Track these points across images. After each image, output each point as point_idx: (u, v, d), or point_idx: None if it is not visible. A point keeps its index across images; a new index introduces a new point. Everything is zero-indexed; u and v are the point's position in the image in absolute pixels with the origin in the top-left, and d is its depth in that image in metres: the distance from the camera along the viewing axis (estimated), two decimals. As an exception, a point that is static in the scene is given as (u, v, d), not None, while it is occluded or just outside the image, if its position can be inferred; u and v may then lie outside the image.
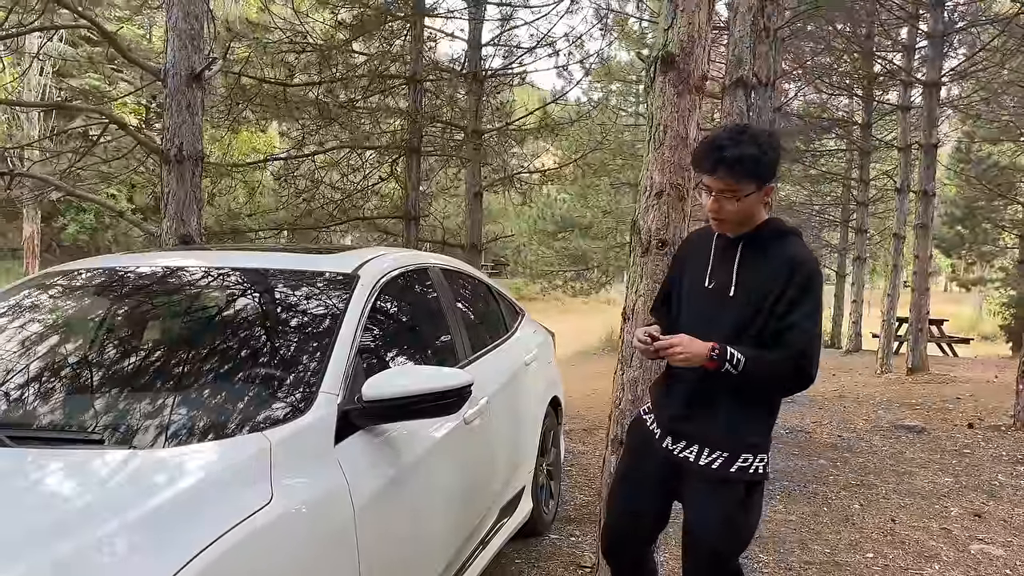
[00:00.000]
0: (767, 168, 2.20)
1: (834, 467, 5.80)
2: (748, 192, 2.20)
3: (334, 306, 2.45)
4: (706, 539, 2.33)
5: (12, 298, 2.64)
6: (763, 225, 2.29)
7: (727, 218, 2.25)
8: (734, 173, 2.17)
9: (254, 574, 1.57)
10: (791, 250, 2.25)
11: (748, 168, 2.17)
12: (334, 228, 10.25)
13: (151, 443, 1.87)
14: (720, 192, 2.21)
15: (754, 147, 2.17)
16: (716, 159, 2.18)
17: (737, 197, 2.20)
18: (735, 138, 2.20)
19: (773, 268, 2.23)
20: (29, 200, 10.66)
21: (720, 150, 2.18)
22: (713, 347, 2.19)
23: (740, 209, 2.22)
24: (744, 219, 2.26)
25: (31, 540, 1.40)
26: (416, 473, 2.38)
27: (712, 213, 2.25)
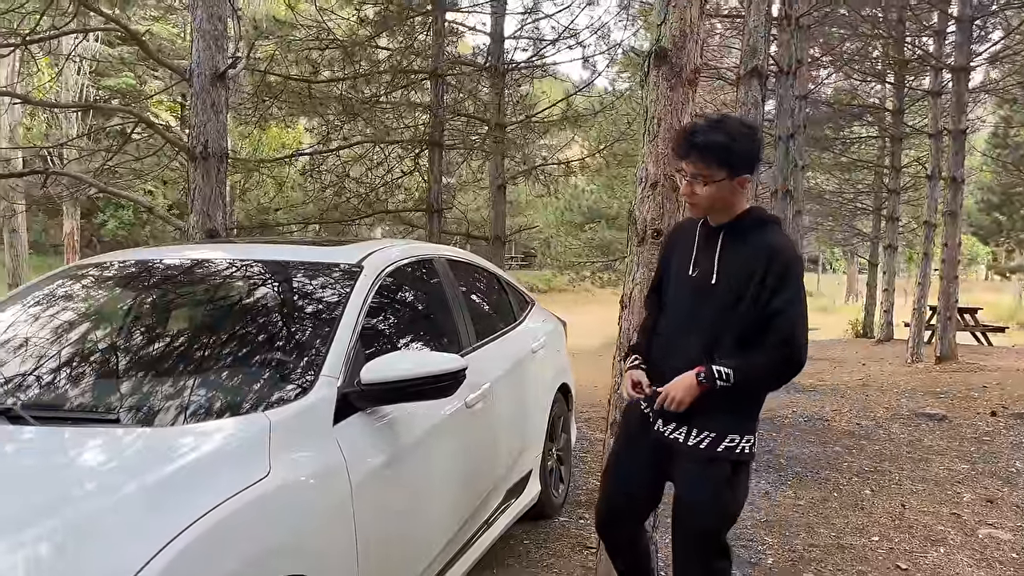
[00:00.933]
0: (738, 157, 2.29)
1: (849, 454, 5.83)
2: (719, 178, 2.30)
3: (337, 295, 2.59)
4: (694, 515, 2.43)
5: (42, 289, 2.82)
6: (744, 214, 2.38)
7: (699, 203, 2.36)
8: (704, 158, 2.29)
9: (252, 540, 1.71)
10: (770, 238, 2.34)
11: (717, 154, 2.28)
12: (360, 221, 10.44)
13: (161, 422, 2.02)
14: (693, 176, 2.32)
15: (724, 135, 2.28)
16: (689, 144, 2.31)
17: (707, 182, 2.30)
18: (710, 126, 2.32)
19: (752, 255, 2.31)
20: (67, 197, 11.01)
21: (693, 135, 2.31)
22: (699, 372, 2.30)
23: (710, 194, 2.32)
24: (717, 205, 2.36)
25: (50, 506, 1.55)
26: (416, 453, 2.51)
27: (686, 197, 2.39)
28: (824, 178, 21.62)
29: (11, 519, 1.50)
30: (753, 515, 4.38)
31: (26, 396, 2.20)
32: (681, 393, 2.32)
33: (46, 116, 15.00)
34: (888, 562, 3.79)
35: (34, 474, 1.75)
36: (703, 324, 2.37)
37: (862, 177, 21.23)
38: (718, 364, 2.29)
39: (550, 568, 3.60)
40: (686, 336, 2.43)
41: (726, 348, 2.35)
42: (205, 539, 1.57)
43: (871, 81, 18.14)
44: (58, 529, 1.49)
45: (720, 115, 2.41)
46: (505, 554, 3.71)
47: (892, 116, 17.00)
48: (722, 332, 2.35)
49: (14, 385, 2.25)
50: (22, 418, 1.99)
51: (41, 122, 15.52)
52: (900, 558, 3.84)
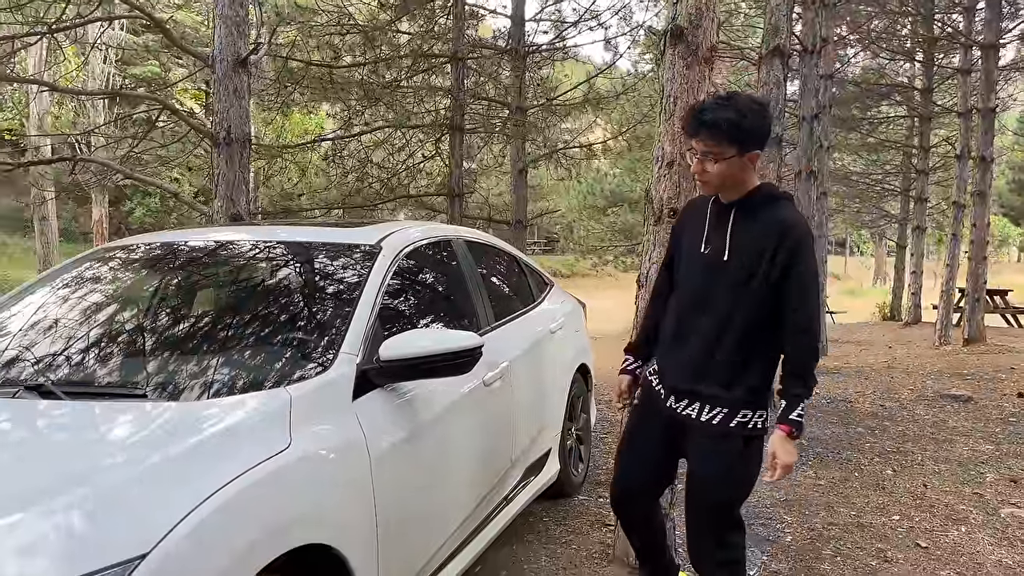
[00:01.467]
0: (748, 134, 2.29)
1: (872, 435, 5.81)
2: (729, 155, 2.29)
3: (356, 275, 2.63)
4: (707, 489, 2.46)
5: (71, 271, 2.90)
6: (755, 191, 2.38)
7: (710, 180, 2.36)
8: (713, 135, 2.28)
9: (273, 509, 1.77)
10: (781, 214, 2.33)
11: (726, 131, 2.27)
12: (383, 206, 10.50)
13: (186, 397, 2.08)
14: (703, 154, 2.32)
15: (734, 112, 2.27)
16: (698, 122, 2.31)
17: (717, 159, 2.30)
18: (719, 104, 2.32)
19: (764, 231, 2.31)
20: (95, 185, 11.18)
21: (701, 113, 2.31)
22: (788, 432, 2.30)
23: (721, 171, 2.32)
24: (728, 182, 2.36)
25: (80, 476, 1.61)
26: (434, 429, 2.56)
27: (697, 174, 2.38)
28: (851, 159, 21.34)
29: (44, 488, 1.56)
30: (772, 494, 4.39)
31: (57, 373, 2.27)
32: (786, 458, 2.31)
33: (73, 104, 15.21)
34: (908, 540, 3.79)
35: (65, 446, 1.81)
36: (715, 302, 2.39)
37: (890, 158, 20.93)
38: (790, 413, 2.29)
39: (569, 545, 3.65)
40: (698, 315, 2.44)
41: (737, 327, 2.36)
42: (227, 507, 1.63)
43: (899, 59, 17.84)
44: (88, 497, 1.55)
45: (729, 92, 2.40)
46: (525, 531, 3.76)
47: (920, 95, 16.73)
48: (734, 310, 2.36)
49: (46, 362, 2.32)
50: (54, 394, 2.07)
51: (68, 110, 15.74)
52: (920, 536, 3.83)
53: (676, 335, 2.53)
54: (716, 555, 2.49)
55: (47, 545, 1.44)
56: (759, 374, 2.43)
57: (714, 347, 2.40)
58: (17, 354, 2.38)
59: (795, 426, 2.29)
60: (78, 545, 1.45)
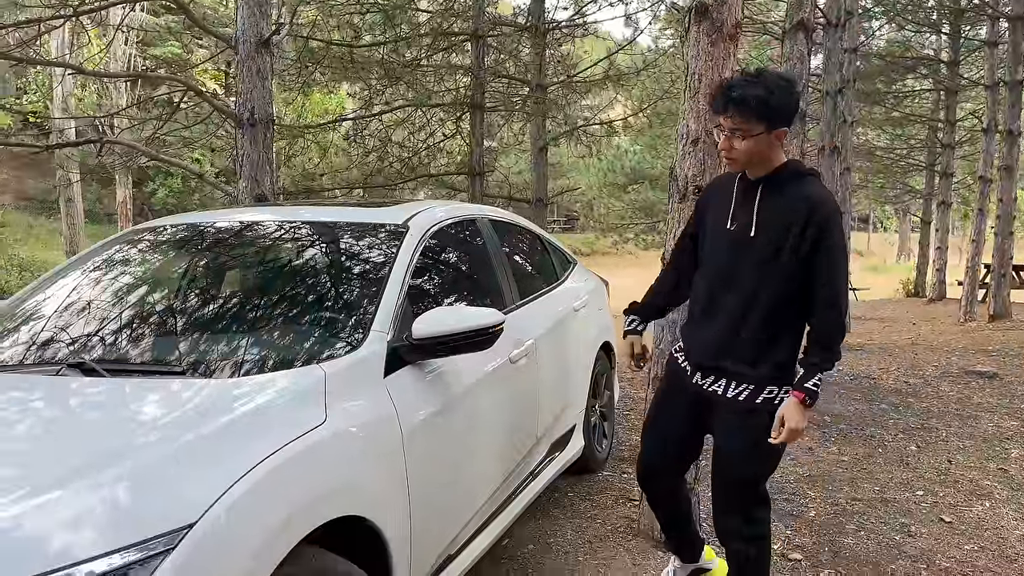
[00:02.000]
0: (776, 111, 2.28)
1: (895, 411, 5.81)
2: (757, 132, 2.28)
3: (385, 254, 2.67)
4: (733, 465, 2.49)
5: (106, 252, 2.96)
6: (782, 167, 2.38)
7: (738, 157, 2.35)
8: (742, 112, 2.27)
9: (310, 481, 1.82)
10: (808, 190, 2.33)
11: (755, 108, 2.26)
12: (403, 185, 10.54)
13: (223, 374, 2.14)
14: (731, 131, 2.31)
15: (762, 89, 2.26)
16: (726, 99, 2.30)
17: (745, 136, 2.29)
18: (747, 80, 2.30)
19: (791, 207, 2.31)
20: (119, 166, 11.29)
21: (730, 90, 2.29)
22: (802, 399, 2.29)
23: (749, 148, 2.31)
24: (755, 159, 2.35)
25: (123, 450, 1.67)
26: (462, 405, 2.60)
27: (724, 152, 2.36)
28: (875, 134, 21.05)
29: (91, 461, 1.62)
30: (796, 470, 4.42)
31: (97, 351, 2.34)
32: (795, 422, 2.30)
33: (96, 87, 15.33)
34: (932, 515, 3.80)
35: (108, 421, 1.87)
36: (742, 279, 2.39)
37: (915, 132, 20.62)
38: (806, 381, 2.29)
39: (594, 519, 3.70)
40: (724, 292, 2.45)
41: (763, 304, 2.37)
42: (269, 479, 1.68)
43: (925, 31, 17.53)
44: (135, 469, 1.60)
45: (757, 69, 2.39)
46: (550, 505, 3.82)
47: (947, 68, 16.46)
48: (760, 287, 2.36)
49: (87, 341, 2.39)
50: (95, 371, 2.13)
51: (91, 92, 15.86)
52: (944, 511, 3.85)
53: (703, 312, 2.54)
54: (742, 530, 2.51)
55: (97, 515, 1.49)
56: (785, 351, 2.44)
57: (740, 324, 2.41)
58: (58, 333, 2.45)
59: (809, 394, 2.29)
60: (128, 515, 1.50)
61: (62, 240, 16.20)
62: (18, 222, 22.77)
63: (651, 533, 3.43)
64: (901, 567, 3.25)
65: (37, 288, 2.85)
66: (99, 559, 1.42)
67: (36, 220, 24.96)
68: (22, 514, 1.46)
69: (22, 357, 2.36)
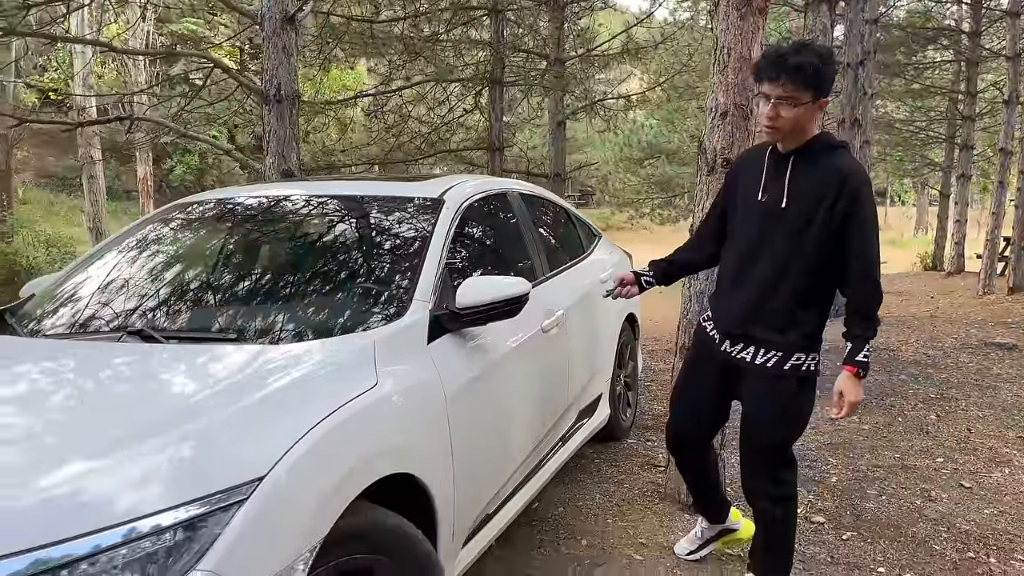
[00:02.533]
0: (825, 80, 2.33)
1: (915, 382, 5.87)
2: (805, 100, 2.32)
3: (423, 227, 2.76)
4: (761, 430, 2.57)
5: (156, 224, 3.07)
6: (813, 140, 2.42)
7: (782, 126, 2.37)
8: (795, 80, 2.30)
9: (366, 440, 1.93)
10: (840, 162, 2.38)
11: (809, 75, 2.29)
12: (422, 161, 10.59)
13: (277, 340, 2.25)
14: (779, 99, 2.33)
15: (816, 57, 2.30)
16: (779, 66, 2.32)
17: (795, 104, 2.32)
18: (798, 49, 2.34)
19: (823, 179, 2.36)
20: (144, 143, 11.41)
21: (784, 58, 2.31)
22: (855, 372, 2.37)
23: (796, 117, 2.34)
24: (798, 129, 2.38)
25: (188, 411, 1.78)
26: (499, 372, 2.71)
27: (769, 121, 2.37)
28: (894, 106, 20.83)
29: (156, 422, 1.72)
30: (818, 438, 4.51)
31: (156, 319, 2.45)
32: (853, 395, 2.39)
33: (115, 64, 15.42)
34: (952, 481, 3.89)
35: (170, 384, 1.98)
36: (774, 249, 2.45)
37: (935, 104, 20.39)
38: (856, 354, 2.37)
39: (620, 484, 3.81)
40: (754, 263, 2.51)
41: (793, 274, 2.43)
42: (330, 437, 1.79)
43: (946, 2, 17.29)
44: (202, 429, 1.71)
45: (802, 40, 2.44)
46: (578, 471, 3.93)
47: (968, 38, 16.22)
48: (792, 256, 2.42)
49: (145, 310, 2.50)
50: (154, 338, 2.25)
51: (111, 69, 15.96)
52: (964, 477, 3.93)
53: (732, 282, 2.61)
54: (770, 491, 2.61)
55: (175, 469, 1.60)
56: (813, 320, 2.51)
57: (770, 294, 2.47)
58: (115, 303, 2.56)
59: (861, 367, 2.37)
60: (204, 469, 1.61)
61: (84, 217, 16.36)
62: (39, 199, 23.04)
63: (677, 497, 3.54)
64: (922, 529, 3.35)
65: (88, 260, 2.97)
66: (180, 507, 1.52)
67: (57, 197, 25.22)
68: (102, 468, 1.56)
69: (84, 326, 2.48)
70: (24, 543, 1.40)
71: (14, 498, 1.49)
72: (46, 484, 1.52)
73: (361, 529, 1.87)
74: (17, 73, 13.66)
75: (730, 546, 3.08)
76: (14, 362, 2.20)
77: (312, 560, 1.70)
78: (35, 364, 2.21)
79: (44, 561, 1.40)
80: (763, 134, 2.48)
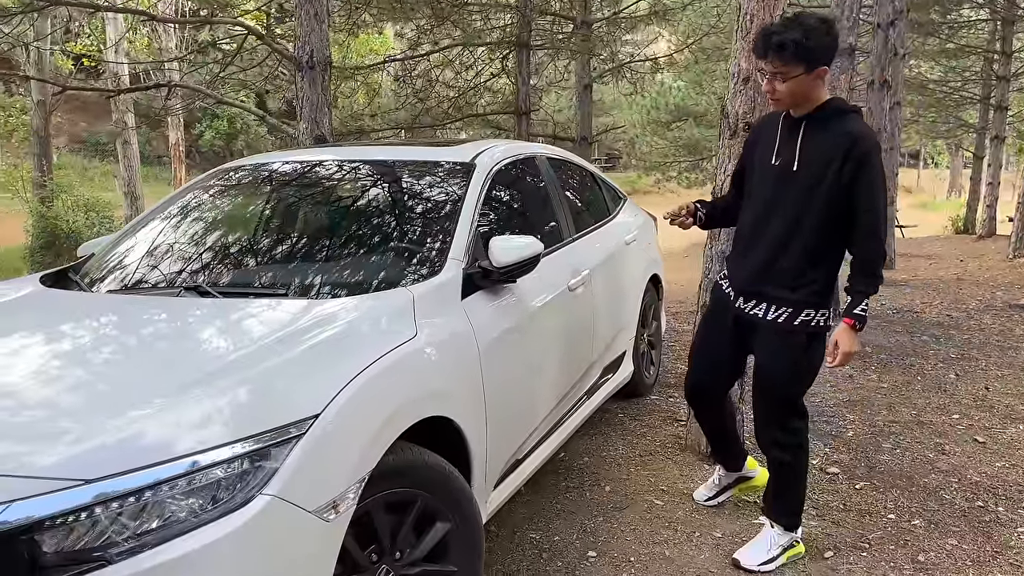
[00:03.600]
0: (813, 52, 2.43)
1: (936, 343, 5.96)
2: (796, 74, 2.45)
3: (456, 190, 2.91)
4: (773, 381, 2.73)
5: (200, 190, 3.25)
6: (825, 105, 2.54)
7: (781, 98, 2.52)
8: (781, 56, 2.44)
9: (410, 384, 2.12)
10: (850, 125, 2.49)
11: (793, 51, 2.42)
12: (450, 125, 10.69)
13: (326, 295, 2.43)
14: (772, 74, 2.48)
15: (799, 33, 2.41)
16: (766, 44, 2.47)
17: (786, 78, 2.46)
18: (785, 25, 2.47)
19: (833, 142, 2.48)
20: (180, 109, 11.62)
21: (769, 37, 2.46)
22: (852, 324, 2.51)
23: (790, 89, 2.48)
24: (798, 99, 2.52)
25: (244, 358, 1.96)
26: (528, 327, 2.87)
27: (768, 93, 2.55)
28: (928, 66, 20.44)
29: (217, 369, 1.91)
30: (836, 395, 4.64)
31: (211, 276, 2.65)
32: (847, 346, 2.52)
33: (147, 30, 15.60)
34: (966, 436, 4.01)
35: (228, 334, 2.17)
36: (785, 208, 2.58)
37: (969, 64, 19.98)
38: (854, 307, 2.51)
39: (643, 436, 3.99)
40: (767, 223, 2.64)
41: (804, 233, 2.56)
42: (377, 380, 1.98)
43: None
44: (255, 375, 1.89)
45: (795, 13, 2.55)
46: (603, 424, 4.11)
47: (1005, -4, 15.86)
48: (802, 215, 2.55)
49: (199, 268, 2.70)
50: (210, 293, 2.44)
51: (142, 36, 16.15)
52: (978, 433, 4.05)
53: (746, 242, 2.75)
54: (781, 439, 2.76)
55: (237, 409, 1.78)
56: (823, 278, 2.64)
57: (781, 252, 2.61)
58: (173, 261, 2.77)
59: (858, 320, 2.51)
60: (264, 408, 1.80)
61: (118, 182, 16.71)
62: (74, 165, 23.48)
63: (697, 448, 3.71)
64: (933, 480, 3.49)
65: (140, 223, 3.17)
66: (240, 442, 1.70)
67: (90, 163, 25.70)
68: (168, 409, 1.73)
69: (143, 283, 2.68)
70: (91, 474, 1.57)
71: (85, 435, 1.66)
72: (116, 423, 1.69)
73: (404, 466, 2.06)
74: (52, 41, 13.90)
75: (746, 492, 3.25)
76: (83, 315, 2.41)
77: (361, 490, 1.89)
78: (101, 317, 2.41)
79: (106, 493, 1.57)
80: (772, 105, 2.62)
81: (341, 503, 1.82)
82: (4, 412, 1.79)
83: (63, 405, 1.81)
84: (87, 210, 13.01)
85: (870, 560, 2.83)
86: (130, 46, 15.95)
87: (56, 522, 1.54)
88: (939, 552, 2.89)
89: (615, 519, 3.12)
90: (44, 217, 12.89)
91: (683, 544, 2.95)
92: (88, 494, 1.57)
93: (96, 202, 13.47)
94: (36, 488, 1.55)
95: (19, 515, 1.53)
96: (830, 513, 3.19)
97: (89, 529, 1.56)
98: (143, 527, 1.59)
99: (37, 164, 14.24)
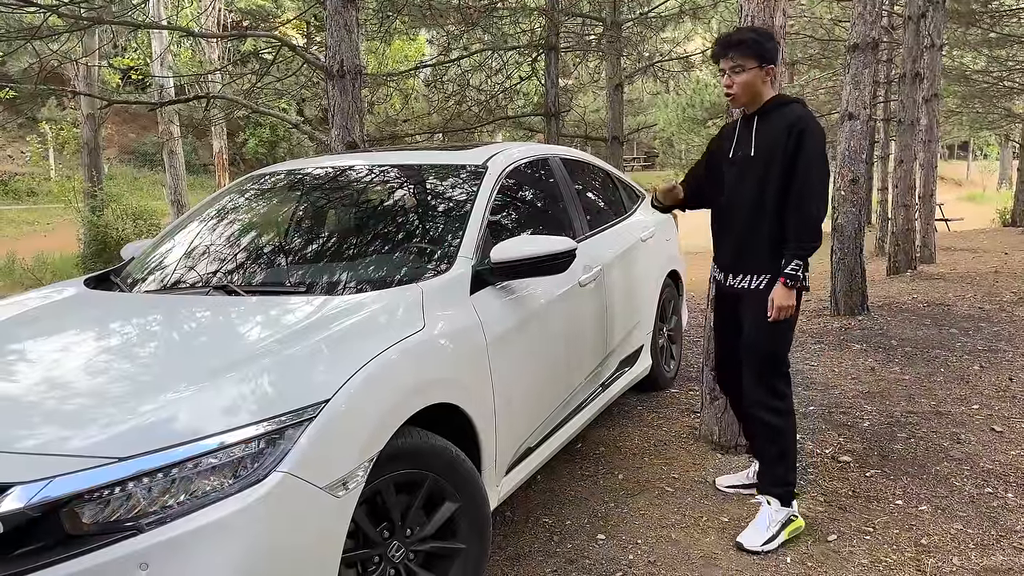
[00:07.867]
0: (765, 48, 2.88)
1: (964, 335, 5.93)
2: (751, 67, 2.88)
3: (468, 191, 3.07)
4: (757, 338, 2.97)
5: (231, 196, 3.46)
6: (771, 100, 2.96)
7: (738, 92, 2.92)
8: (741, 51, 2.88)
9: (416, 372, 2.27)
10: (789, 113, 2.88)
11: (749, 46, 2.87)
12: (482, 128, 10.87)
13: (339, 291, 2.60)
14: (731, 69, 2.90)
15: (753, 34, 2.93)
16: (727, 45, 2.92)
17: (744, 70, 2.88)
18: (739, 30, 3.05)
19: (779, 128, 2.86)
20: (219, 119, 12.00)
21: (728, 37, 2.97)
22: (784, 283, 2.83)
23: (746, 81, 2.90)
24: (753, 93, 2.93)
25: (264, 349, 2.14)
26: (536, 320, 3.01)
27: (727, 89, 2.95)
28: (971, 57, 20.03)
29: (240, 359, 2.09)
30: (856, 387, 4.69)
31: (236, 276, 2.85)
32: (780, 300, 2.84)
33: (191, 43, 16.11)
34: (984, 426, 4.03)
35: (251, 328, 2.35)
36: (751, 189, 2.95)
37: (1014, 53, 19.51)
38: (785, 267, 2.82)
39: (659, 427, 4.09)
40: (737, 205, 3.00)
41: (768, 209, 2.88)
42: (386, 367, 2.14)
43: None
44: (274, 363, 2.07)
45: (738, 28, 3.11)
46: (621, 416, 4.23)
47: (1050, -18, 15.48)
48: (764, 195, 2.89)
49: (227, 268, 2.90)
50: (236, 292, 2.63)
51: (186, 49, 16.68)
52: (996, 423, 4.07)
53: (724, 228, 3.11)
54: (768, 402, 2.97)
55: (257, 394, 1.96)
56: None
57: (749, 232, 2.96)
58: (202, 263, 2.97)
59: (789, 278, 2.82)
60: (280, 393, 1.97)
61: (166, 191, 17.24)
62: (124, 175, 24.27)
63: (711, 437, 3.80)
64: (945, 468, 3.54)
65: (177, 228, 3.39)
66: (260, 423, 1.88)
67: (139, 172, 26.52)
68: (197, 393, 1.92)
69: (176, 283, 2.90)
70: (124, 452, 1.76)
71: (123, 417, 1.85)
72: (150, 406, 1.89)
73: (411, 449, 2.22)
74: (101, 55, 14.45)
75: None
76: (122, 313, 2.63)
77: (370, 469, 2.05)
78: (138, 314, 2.62)
79: (140, 469, 1.75)
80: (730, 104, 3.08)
81: (350, 481, 1.99)
82: (52, 400, 2.00)
83: (103, 393, 2.01)
84: (135, 218, 13.49)
85: (872, 543, 2.91)
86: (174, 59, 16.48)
87: (93, 495, 1.74)
88: (943, 536, 2.95)
89: (626, 505, 3.25)
90: (95, 226, 13.41)
91: (690, 528, 3.06)
92: (122, 471, 1.76)
93: (144, 210, 13.97)
94: (76, 465, 1.75)
95: (61, 490, 1.72)
96: (837, 499, 3.27)
97: (123, 502, 1.75)
98: (171, 500, 1.77)
99: (88, 175, 14.81)
